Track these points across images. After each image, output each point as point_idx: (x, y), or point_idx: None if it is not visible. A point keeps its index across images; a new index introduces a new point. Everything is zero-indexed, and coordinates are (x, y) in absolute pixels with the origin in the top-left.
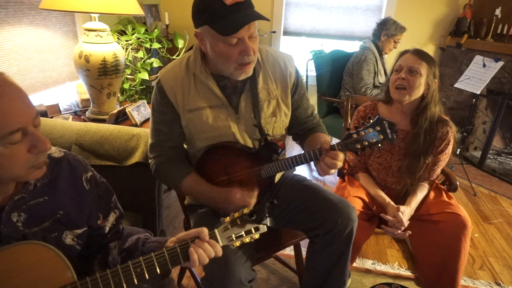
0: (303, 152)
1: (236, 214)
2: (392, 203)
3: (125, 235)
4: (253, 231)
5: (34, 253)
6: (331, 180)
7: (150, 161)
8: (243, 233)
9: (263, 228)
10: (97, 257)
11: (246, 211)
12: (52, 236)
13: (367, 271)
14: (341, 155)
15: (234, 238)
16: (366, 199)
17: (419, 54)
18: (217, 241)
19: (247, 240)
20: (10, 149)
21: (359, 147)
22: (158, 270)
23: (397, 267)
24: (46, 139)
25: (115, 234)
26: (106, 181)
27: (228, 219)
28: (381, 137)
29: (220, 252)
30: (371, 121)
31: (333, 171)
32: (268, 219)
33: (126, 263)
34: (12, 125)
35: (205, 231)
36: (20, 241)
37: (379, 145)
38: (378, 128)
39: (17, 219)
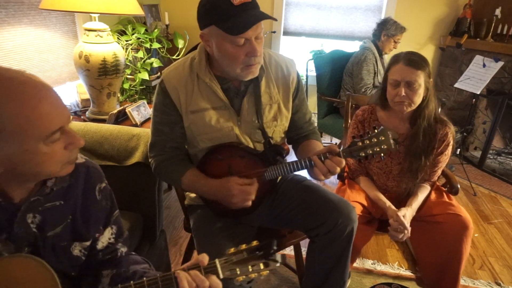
0: (307, 156)
1: (243, 246)
2: (393, 206)
3: (122, 265)
4: (262, 266)
5: (26, 267)
6: (331, 181)
7: (150, 159)
8: (249, 267)
9: (274, 265)
10: (86, 279)
11: (255, 243)
12: (61, 245)
13: (367, 271)
14: (343, 163)
15: (238, 272)
16: (366, 203)
17: (413, 63)
18: (217, 272)
19: (254, 275)
20: (51, 147)
21: (362, 155)
22: None
23: (397, 267)
24: (79, 135)
25: (110, 260)
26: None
27: (232, 250)
28: (385, 147)
29: (218, 286)
30: (376, 130)
31: (326, 177)
32: (279, 255)
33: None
34: (54, 125)
35: (205, 257)
36: (13, 254)
37: (382, 154)
38: (382, 138)
39: (31, 220)
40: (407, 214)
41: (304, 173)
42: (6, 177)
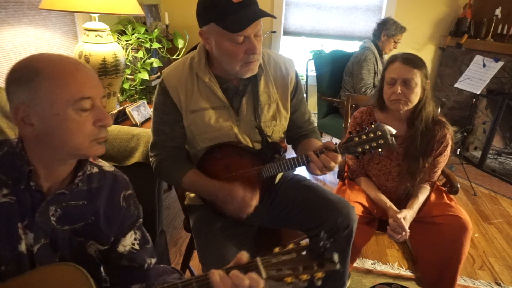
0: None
1: (291, 246)
2: (394, 206)
3: (151, 278)
4: (315, 267)
5: (67, 275)
6: (331, 180)
7: (151, 159)
8: (300, 267)
9: (330, 266)
10: None
11: (304, 243)
12: (78, 240)
13: (367, 271)
14: (339, 158)
15: (287, 272)
16: (366, 204)
17: (410, 62)
18: (259, 271)
19: (306, 276)
20: (80, 116)
21: (360, 150)
22: None
23: (397, 267)
24: (109, 115)
25: (138, 270)
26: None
27: (277, 249)
28: (382, 141)
29: (258, 282)
30: (373, 126)
31: (322, 172)
32: (334, 254)
33: None
34: (85, 92)
35: (244, 255)
36: (59, 262)
37: (380, 149)
38: (379, 133)
39: (53, 213)
40: (407, 216)
41: (304, 172)
42: (38, 147)
